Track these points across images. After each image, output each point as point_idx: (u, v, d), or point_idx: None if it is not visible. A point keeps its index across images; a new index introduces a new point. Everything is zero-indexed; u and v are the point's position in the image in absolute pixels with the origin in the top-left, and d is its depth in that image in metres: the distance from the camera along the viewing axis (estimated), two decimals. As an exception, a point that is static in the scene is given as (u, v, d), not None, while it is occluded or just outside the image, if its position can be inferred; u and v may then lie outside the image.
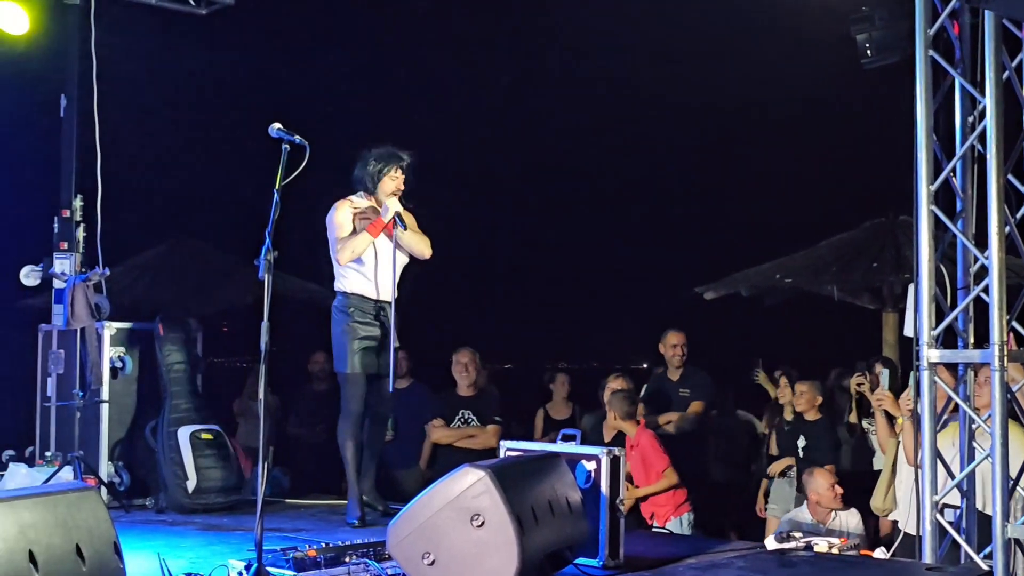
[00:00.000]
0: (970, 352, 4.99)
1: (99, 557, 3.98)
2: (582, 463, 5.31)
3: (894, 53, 5.39)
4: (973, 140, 4.99)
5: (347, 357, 6.62)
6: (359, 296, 6.65)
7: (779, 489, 8.51)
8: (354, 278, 6.67)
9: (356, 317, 6.63)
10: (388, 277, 6.68)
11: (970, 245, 5.02)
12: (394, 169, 6.68)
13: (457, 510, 4.54)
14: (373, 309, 6.67)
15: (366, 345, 6.63)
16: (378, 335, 6.66)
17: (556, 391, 10.00)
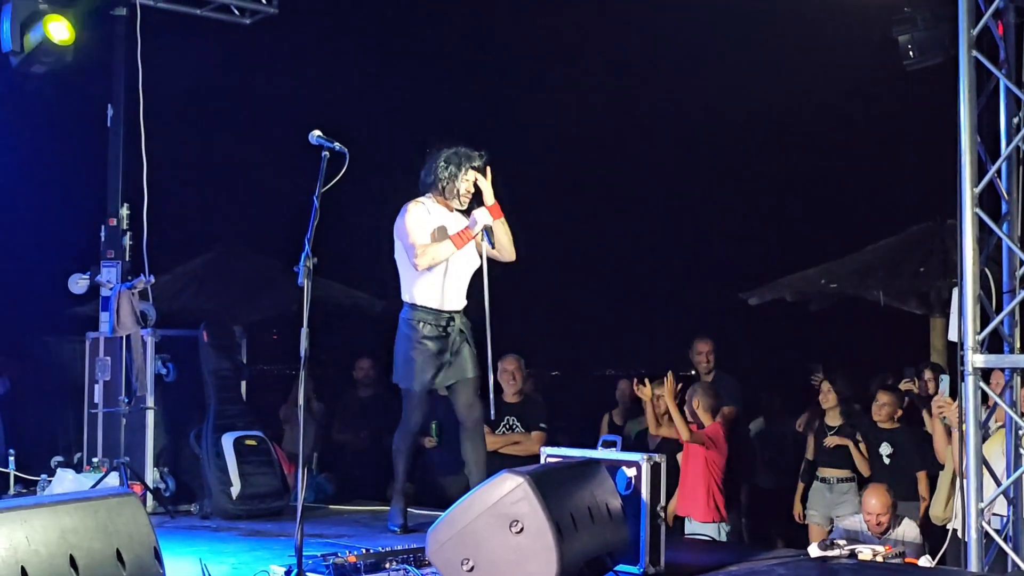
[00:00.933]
0: (1016, 357, 4.92)
1: (139, 562, 4.01)
2: (622, 469, 5.29)
3: (937, 54, 5.34)
4: (1018, 141, 4.93)
5: (411, 372, 6.36)
6: (426, 308, 6.36)
7: (817, 494, 8.44)
8: (422, 288, 6.37)
9: (424, 331, 6.34)
10: (458, 286, 6.43)
11: (1015, 248, 4.95)
12: (466, 170, 6.35)
13: (496, 516, 4.54)
14: (442, 321, 6.39)
15: (431, 360, 6.34)
16: (445, 348, 6.37)
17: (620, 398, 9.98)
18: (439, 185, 6.37)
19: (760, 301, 11.80)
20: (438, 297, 6.36)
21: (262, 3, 8.86)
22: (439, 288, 6.35)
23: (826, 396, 8.50)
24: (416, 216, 6.33)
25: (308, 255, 5.09)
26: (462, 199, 6.37)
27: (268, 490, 7.51)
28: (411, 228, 6.30)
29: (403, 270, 6.45)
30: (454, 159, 6.35)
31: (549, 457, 5.52)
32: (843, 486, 8.38)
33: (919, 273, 11.10)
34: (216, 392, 7.76)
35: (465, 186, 6.35)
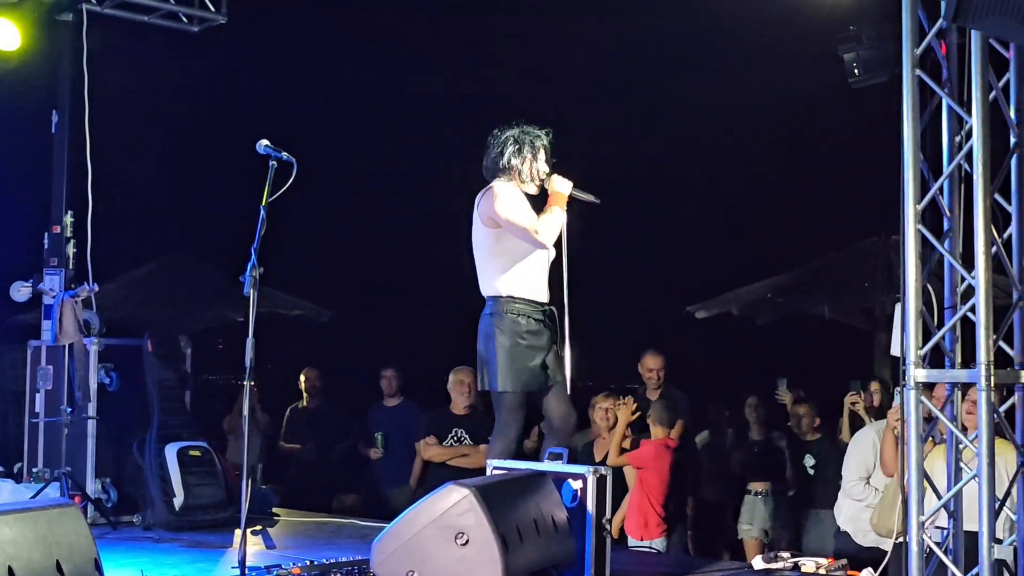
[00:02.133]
0: (957, 372, 4.98)
1: (79, 573, 3.96)
2: (568, 482, 5.29)
3: (882, 72, 5.41)
4: (960, 159, 4.99)
5: (508, 373, 5.70)
6: (524, 300, 5.75)
7: (753, 508, 8.51)
8: (515, 278, 5.76)
9: (524, 325, 5.72)
10: (545, 275, 5.86)
11: (957, 264, 5.01)
12: (539, 149, 5.87)
13: (442, 528, 4.52)
14: (539, 314, 5.79)
15: (532, 357, 5.74)
16: (545, 345, 5.78)
17: None
18: (513, 169, 5.84)
19: (707, 314, 11.89)
20: (534, 287, 5.79)
21: (211, 11, 8.81)
22: (534, 276, 5.79)
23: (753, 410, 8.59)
24: (509, 196, 5.74)
25: (254, 265, 5.07)
26: (536, 182, 5.88)
27: (212, 501, 7.45)
28: (511, 210, 5.70)
29: (487, 261, 5.86)
30: (525, 139, 5.86)
31: (495, 469, 5.51)
32: (775, 498, 8.46)
33: (864, 288, 11.25)
34: (160, 402, 7.69)
35: (533, 169, 5.85)
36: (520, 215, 5.70)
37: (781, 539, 8.33)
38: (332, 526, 7.39)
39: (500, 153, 5.85)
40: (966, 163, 4.91)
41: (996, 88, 4.94)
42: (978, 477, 4.68)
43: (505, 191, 5.76)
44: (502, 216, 5.70)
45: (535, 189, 5.88)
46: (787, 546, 8.05)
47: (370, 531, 6.31)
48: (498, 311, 5.75)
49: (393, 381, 9.60)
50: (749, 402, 8.64)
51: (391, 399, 9.62)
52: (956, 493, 5.05)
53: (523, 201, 5.79)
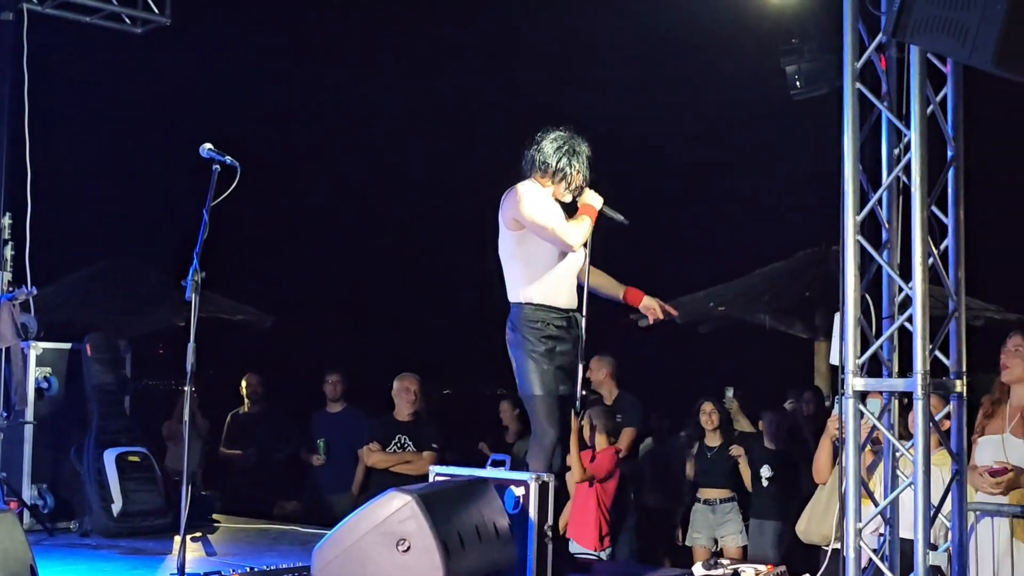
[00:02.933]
0: (894, 381, 5.05)
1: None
2: (511, 488, 5.30)
3: (823, 85, 5.48)
4: (898, 172, 5.06)
5: (538, 377, 5.61)
6: (548, 307, 5.68)
7: (700, 516, 8.55)
8: (542, 284, 5.68)
9: (548, 331, 5.65)
10: (573, 282, 5.79)
11: (895, 275, 5.08)
12: (582, 158, 5.79)
13: (383, 534, 4.52)
14: (564, 320, 5.72)
15: (559, 362, 5.66)
16: (570, 351, 5.72)
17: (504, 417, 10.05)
18: (552, 171, 5.73)
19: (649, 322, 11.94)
20: (559, 293, 5.71)
21: (154, 13, 8.71)
22: (556, 282, 5.70)
23: (709, 417, 8.63)
24: (534, 197, 5.65)
25: (196, 269, 5.03)
26: (571, 192, 5.77)
27: (151, 507, 7.36)
28: (536, 210, 5.60)
29: (509, 266, 5.77)
30: (571, 145, 5.76)
31: (438, 475, 5.51)
32: (726, 506, 8.51)
33: (805, 297, 11.37)
34: (99, 407, 7.59)
35: (578, 179, 5.76)
36: (545, 214, 5.62)
37: (729, 548, 8.37)
38: (273, 533, 7.33)
39: (552, 155, 5.74)
40: (904, 176, 4.98)
41: (934, 102, 5.02)
42: (914, 484, 4.75)
43: (529, 191, 5.69)
44: (526, 216, 5.61)
45: (571, 197, 5.80)
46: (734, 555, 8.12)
47: (311, 538, 6.27)
48: (518, 318, 5.70)
49: (337, 386, 9.56)
50: (705, 408, 8.68)
51: (334, 405, 9.58)
52: (892, 500, 5.11)
53: (549, 201, 5.72)
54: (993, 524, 5.83)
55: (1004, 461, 5.72)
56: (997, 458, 5.85)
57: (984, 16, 4.39)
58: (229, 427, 10.02)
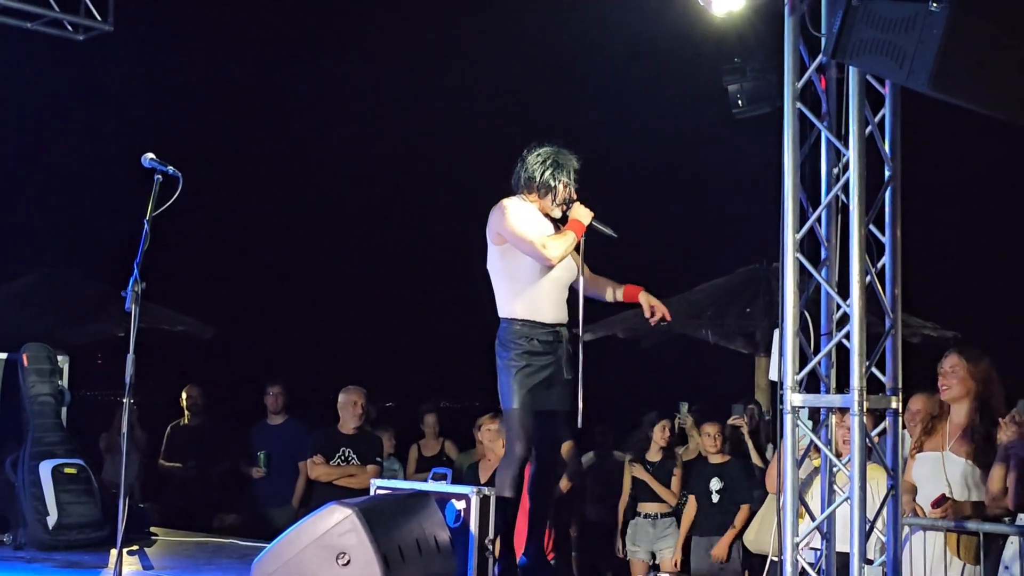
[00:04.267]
0: (831, 397, 5.12)
1: (-54, 595, 3.85)
2: (452, 502, 5.30)
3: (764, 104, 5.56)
4: (837, 191, 5.14)
5: (513, 391, 5.60)
6: (530, 322, 5.65)
7: (640, 530, 8.60)
8: (526, 300, 5.66)
9: (527, 346, 5.62)
10: (562, 296, 5.76)
11: (833, 293, 5.15)
12: (569, 172, 5.80)
13: (323, 548, 4.50)
14: (549, 335, 5.68)
15: (538, 378, 5.63)
16: (552, 365, 5.68)
17: (427, 430, 10.04)
18: (538, 187, 5.76)
19: (593, 337, 11.99)
20: (545, 308, 5.68)
21: (96, 20, 8.63)
22: (545, 298, 5.68)
23: (663, 433, 8.68)
24: (518, 211, 5.67)
25: (137, 279, 4.99)
26: (559, 207, 5.79)
27: (87, 520, 7.25)
28: (517, 223, 5.61)
29: (500, 280, 5.75)
30: (562, 160, 5.79)
31: (379, 489, 5.49)
32: (665, 520, 8.56)
33: (745, 313, 11.47)
34: (35, 418, 7.47)
35: (566, 191, 5.78)
36: (525, 227, 5.62)
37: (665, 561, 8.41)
38: (212, 546, 7.26)
39: (538, 170, 5.77)
40: (843, 194, 5.06)
41: (872, 123, 5.10)
42: (850, 499, 4.81)
43: (513, 205, 5.71)
44: (508, 229, 5.62)
45: (560, 212, 5.81)
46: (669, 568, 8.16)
47: (251, 551, 6.20)
48: (504, 333, 5.69)
49: (279, 398, 9.51)
50: (660, 424, 8.73)
51: (276, 417, 9.53)
52: (829, 515, 5.17)
53: (533, 216, 5.73)
54: (925, 537, 5.94)
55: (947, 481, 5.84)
56: (936, 474, 5.95)
57: (921, 39, 4.48)
58: (169, 439, 9.92)
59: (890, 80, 5.04)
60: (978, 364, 6.08)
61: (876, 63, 4.72)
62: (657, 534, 8.51)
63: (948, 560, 5.94)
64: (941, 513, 5.87)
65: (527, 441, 5.62)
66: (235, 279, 19.49)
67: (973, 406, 6.00)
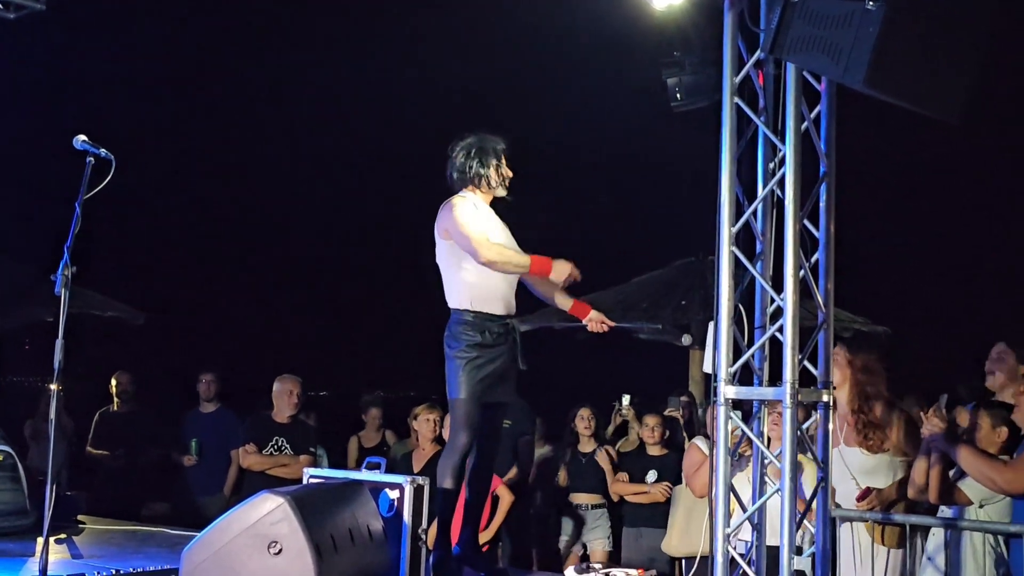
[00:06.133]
0: (764, 389, 5.15)
1: None
2: (385, 491, 5.28)
3: (703, 98, 5.59)
4: (773, 185, 5.18)
5: (463, 382, 5.65)
6: (479, 313, 5.72)
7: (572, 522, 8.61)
8: (474, 292, 5.73)
9: (476, 338, 5.68)
10: (511, 290, 5.84)
11: (767, 286, 5.19)
12: (496, 155, 5.87)
13: (254, 537, 4.46)
14: (497, 327, 5.75)
15: (488, 370, 5.70)
16: (499, 357, 5.75)
17: (369, 421, 10.00)
18: (472, 178, 5.86)
19: (529, 328, 12.01)
20: (495, 301, 5.76)
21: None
22: (495, 291, 5.76)
23: (587, 424, 8.70)
24: (464, 209, 5.75)
25: (67, 263, 4.90)
26: (498, 188, 5.89)
27: (12, 508, 7.14)
28: (463, 220, 5.68)
29: (450, 273, 5.81)
30: (486, 146, 5.88)
31: (312, 478, 5.46)
32: (595, 512, 8.59)
33: (681, 306, 11.55)
34: (-41, 404, 7.35)
35: (499, 173, 5.87)
36: (467, 227, 5.68)
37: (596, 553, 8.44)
38: (141, 535, 7.18)
39: (464, 163, 5.86)
40: (778, 189, 5.10)
41: (808, 119, 5.15)
42: (781, 491, 4.86)
43: (461, 204, 5.78)
44: (453, 222, 5.69)
45: (504, 192, 5.92)
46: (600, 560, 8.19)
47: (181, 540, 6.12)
48: (453, 324, 5.74)
49: (211, 386, 9.43)
50: (583, 415, 8.74)
51: (208, 404, 9.44)
52: (760, 506, 5.22)
53: (473, 215, 5.77)
54: (853, 528, 6.03)
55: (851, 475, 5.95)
56: (840, 471, 6.05)
57: (857, 37, 4.53)
58: (97, 426, 9.78)
59: (826, 77, 5.08)
60: (857, 354, 6.20)
61: (813, 60, 4.76)
62: (588, 526, 8.54)
63: (875, 551, 6.04)
64: (867, 505, 5.97)
65: (472, 432, 5.66)
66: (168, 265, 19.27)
67: (853, 394, 6.12)
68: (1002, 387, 6.41)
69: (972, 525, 5.86)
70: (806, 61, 4.81)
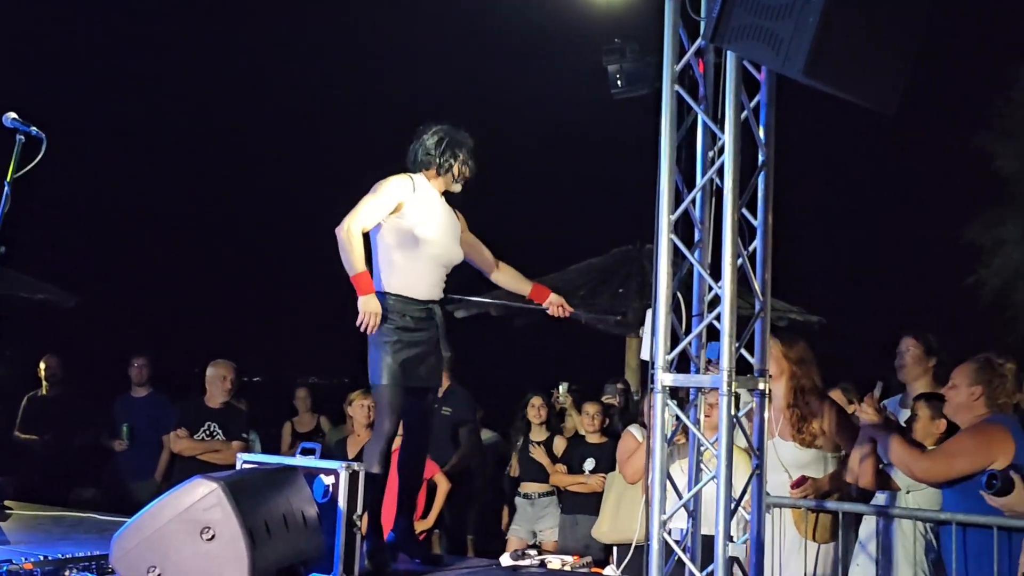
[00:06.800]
0: (701, 377, 5.18)
1: None
2: (320, 477, 5.23)
3: (643, 86, 5.57)
4: (712, 174, 5.19)
5: (386, 367, 5.62)
6: (399, 296, 5.69)
7: (520, 509, 8.63)
8: (397, 275, 5.72)
9: (397, 322, 5.65)
10: (438, 275, 5.84)
11: (705, 274, 5.21)
12: (462, 151, 5.91)
13: (187, 522, 4.40)
14: (418, 311, 5.73)
15: (409, 354, 5.68)
16: (421, 342, 5.74)
17: (299, 405, 9.94)
18: (437, 166, 5.86)
19: (466, 314, 12.00)
20: (414, 284, 5.72)
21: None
22: (415, 274, 5.73)
23: (538, 412, 8.70)
24: (393, 185, 5.73)
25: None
26: (455, 184, 5.91)
27: (-64, 493, 7.01)
28: (376, 190, 5.70)
29: (376, 255, 5.77)
30: (454, 138, 5.91)
31: (245, 463, 5.40)
32: (544, 500, 8.60)
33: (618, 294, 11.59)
34: None
35: (464, 170, 5.91)
36: (373, 196, 5.67)
37: (547, 542, 8.44)
38: (69, 520, 7.06)
39: (433, 148, 5.87)
40: (717, 178, 5.11)
41: (748, 108, 5.16)
42: (717, 478, 4.88)
43: (394, 180, 5.76)
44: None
45: (459, 188, 5.93)
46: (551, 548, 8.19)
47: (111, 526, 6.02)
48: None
49: (143, 370, 9.32)
50: (533, 403, 8.73)
51: (140, 389, 9.33)
52: (696, 494, 5.25)
53: (392, 193, 5.72)
54: (782, 516, 6.09)
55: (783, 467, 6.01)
56: (772, 463, 6.11)
57: (797, 27, 4.55)
58: (25, 410, 9.62)
59: (766, 66, 5.10)
60: (792, 346, 6.27)
61: (753, 49, 4.78)
62: (536, 514, 8.55)
63: (805, 542, 6.10)
64: (801, 493, 6.03)
65: (396, 417, 5.67)
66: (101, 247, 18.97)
67: (789, 387, 6.19)
68: (915, 379, 6.52)
69: (903, 513, 5.94)
70: (746, 50, 4.83)
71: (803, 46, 4.53)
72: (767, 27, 4.64)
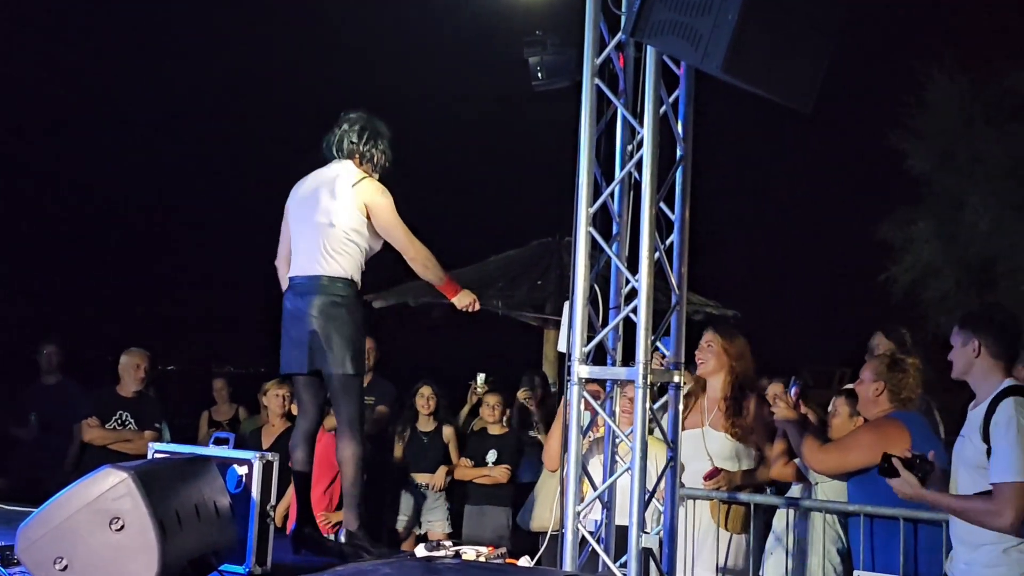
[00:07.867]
0: (617, 369, 5.22)
1: None
2: (234, 467, 5.18)
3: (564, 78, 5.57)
4: (631, 168, 5.23)
5: (361, 357, 5.72)
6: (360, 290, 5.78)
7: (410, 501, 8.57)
8: (357, 264, 5.73)
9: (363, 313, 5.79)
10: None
11: (623, 267, 5.25)
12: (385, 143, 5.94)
13: (95, 512, 4.31)
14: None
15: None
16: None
17: (217, 395, 9.84)
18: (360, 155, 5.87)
19: (384, 304, 11.95)
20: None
21: None
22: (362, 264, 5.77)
23: (426, 402, 8.62)
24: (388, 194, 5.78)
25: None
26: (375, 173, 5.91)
27: None
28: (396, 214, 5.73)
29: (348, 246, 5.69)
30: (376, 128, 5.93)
31: (157, 453, 5.32)
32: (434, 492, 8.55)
33: (536, 285, 11.62)
34: None
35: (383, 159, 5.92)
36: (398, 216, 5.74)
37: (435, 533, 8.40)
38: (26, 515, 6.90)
39: (355, 137, 5.88)
40: (636, 172, 5.15)
41: (667, 103, 5.21)
42: (631, 470, 4.92)
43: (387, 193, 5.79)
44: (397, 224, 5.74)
45: (377, 176, 5.91)
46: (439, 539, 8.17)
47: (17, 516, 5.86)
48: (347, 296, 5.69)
49: (53, 358, 9.13)
50: (422, 392, 8.66)
51: (49, 376, 9.15)
52: (610, 485, 5.29)
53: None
54: (695, 508, 6.16)
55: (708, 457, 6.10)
56: (698, 452, 6.18)
57: (716, 24, 4.60)
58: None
59: (685, 62, 5.15)
60: (733, 340, 6.36)
61: (672, 44, 4.81)
62: (427, 505, 8.51)
63: (718, 532, 6.18)
64: (714, 484, 6.11)
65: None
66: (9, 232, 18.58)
67: (727, 380, 6.28)
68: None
69: (813, 504, 6.05)
70: (666, 45, 4.86)
71: (722, 43, 4.58)
72: (687, 23, 4.68)
